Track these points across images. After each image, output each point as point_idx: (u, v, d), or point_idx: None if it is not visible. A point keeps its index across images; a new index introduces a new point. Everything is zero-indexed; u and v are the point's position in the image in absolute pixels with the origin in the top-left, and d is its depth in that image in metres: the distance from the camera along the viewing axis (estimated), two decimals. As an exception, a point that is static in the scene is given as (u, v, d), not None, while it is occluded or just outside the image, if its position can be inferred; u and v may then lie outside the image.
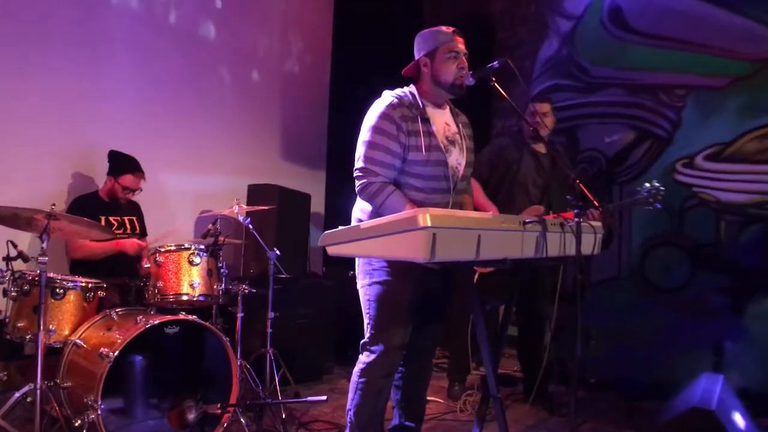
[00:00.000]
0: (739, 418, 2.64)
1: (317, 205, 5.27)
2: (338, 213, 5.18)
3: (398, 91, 2.42)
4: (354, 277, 2.47)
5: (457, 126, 2.52)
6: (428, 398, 3.01)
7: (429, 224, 1.63)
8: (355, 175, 2.36)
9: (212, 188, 4.63)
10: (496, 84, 2.32)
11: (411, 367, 2.55)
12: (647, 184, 3.33)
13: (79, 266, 3.45)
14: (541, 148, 3.63)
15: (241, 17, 4.88)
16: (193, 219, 4.51)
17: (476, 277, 2.84)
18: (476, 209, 3.03)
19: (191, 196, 4.53)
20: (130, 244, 3.45)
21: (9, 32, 3.62)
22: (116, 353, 2.58)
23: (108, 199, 3.58)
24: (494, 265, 2.07)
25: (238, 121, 4.86)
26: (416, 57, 2.45)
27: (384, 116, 2.32)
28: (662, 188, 3.28)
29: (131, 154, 3.61)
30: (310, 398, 2.73)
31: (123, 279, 3.37)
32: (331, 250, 2.01)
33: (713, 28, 3.97)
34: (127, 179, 3.53)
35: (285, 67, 5.27)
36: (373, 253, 2.04)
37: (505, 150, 3.62)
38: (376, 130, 2.31)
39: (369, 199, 2.31)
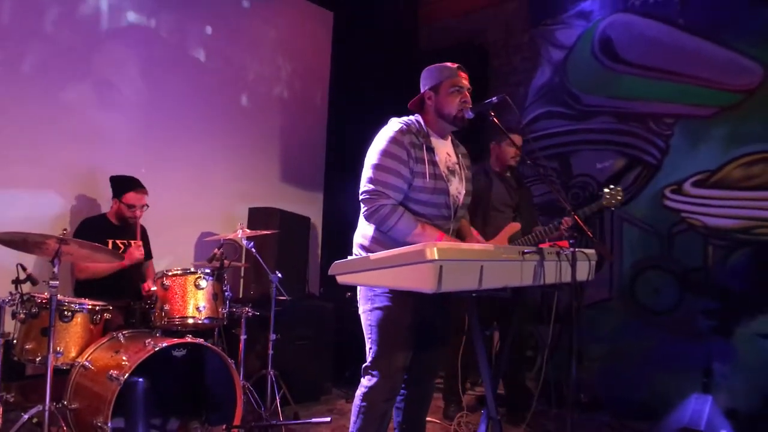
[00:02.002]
0: (727, 439, 2.73)
1: (315, 227, 5.35)
2: (335, 235, 5.29)
3: (405, 118, 2.49)
4: (351, 298, 2.52)
5: (457, 156, 2.61)
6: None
7: (436, 257, 1.72)
8: (363, 198, 2.36)
9: (213, 211, 4.70)
10: (495, 119, 2.44)
11: (413, 390, 2.60)
12: (606, 189, 3.59)
13: (83, 287, 3.50)
14: (508, 174, 3.95)
15: (239, 43, 4.98)
16: (194, 242, 4.58)
17: None
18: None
19: (192, 218, 4.59)
20: (130, 254, 3.52)
21: (14, 59, 3.71)
22: (126, 376, 2.64)
23: (117, 222, 3.65)
24: (494, 293, 2.15)
25: (238, 145, 4.94)
26: (422, 90, 2.54)
27: (394, 141, 2.37)
28: (620, 189, 3.58)
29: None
30: (314, 419, 2.79)
31: (127, 301, 3.43)
32: (341, 279, 2.09)
33: (700, 59, 4.12)
34: (130, 196, 3.61)
35: (284, 92, 5.37)
36: (382, 283, 2.12)
37: (474, 178, 3.82)
38: (386, 153, 2.35)
39: (379, 222, 2.32)
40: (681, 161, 4.20)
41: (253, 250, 3.52)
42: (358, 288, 2.47)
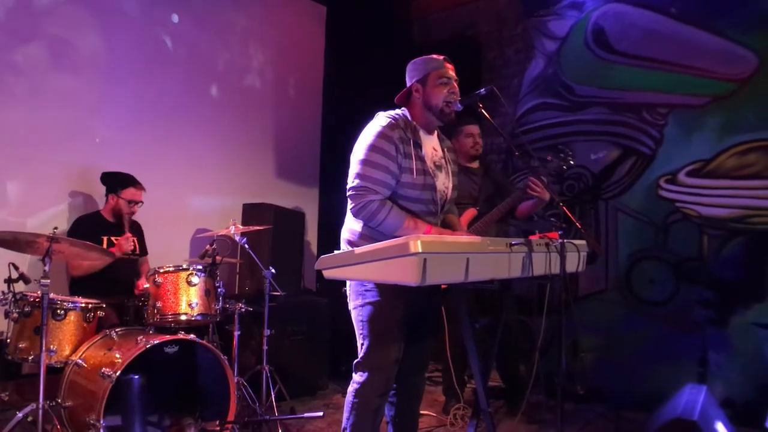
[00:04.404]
0: (721, 428, 2.72)
1: (310, 222, 5.35)
2: (331, 230, 5.27)
3: (392, 112, 2.46)
4: (346, 293, 2.53)
5: (443, 151, 2.59)
6: (421, 412, 3.07)
7: (420, 250, 1.72)
8: (350, 194, 2.32)
9: (207, 207, 4.71)
10: (483, 110, 2.43)
11: (405, 383, 2.59)
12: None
13: (78, 285, 3.51)
14: (474, 164, 3.86)
15: (231, 39, 4.98)
16: (189, 238, 4.58)
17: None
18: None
19: (187, 215, 4.60)
20: (119, 245, 3.52)
21: (7, 57, 3.71)
22: (118, 373, 2.64)
23: (113, 219, 3.66)
24: (482, 285, 2.15)
25: (232, 141, 4.94)
26: (408, 84, 2.50)
27: (382, 136, 2.32)
28: (569, 150, 3.48)
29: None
30: (306, 414, 2.80)
31: (120, 299, 3.44)
32: (327, 274, 2.08)
33: (694, 49, 4.09)
34: (129, 192, 3.63)
35: (279, 87, 5.36)
36: (367, 277, 2.11)
37: None
38: (374, 149, 2.30)
39: (368, 218, 2.29)
40: (675, 151, 4.18)
41: (246, 246, 3.52)
42: (348, 284, 2.46)
